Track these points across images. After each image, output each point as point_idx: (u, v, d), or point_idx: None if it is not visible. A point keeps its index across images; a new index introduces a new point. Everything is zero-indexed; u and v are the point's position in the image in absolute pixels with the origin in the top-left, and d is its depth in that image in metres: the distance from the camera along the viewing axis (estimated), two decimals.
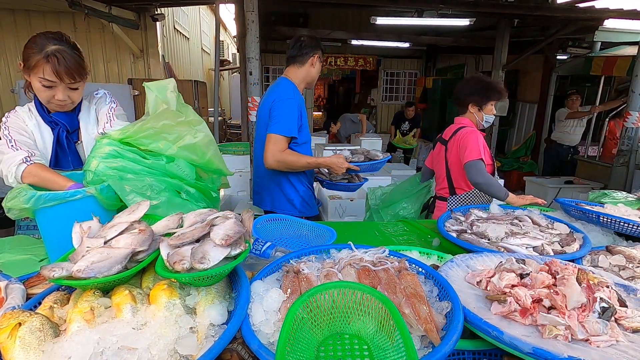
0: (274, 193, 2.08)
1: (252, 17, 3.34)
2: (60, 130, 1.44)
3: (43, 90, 1.33)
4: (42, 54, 1.27)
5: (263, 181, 2.12)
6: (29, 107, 1.45)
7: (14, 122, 1.41)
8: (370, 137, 5.28)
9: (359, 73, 10.74)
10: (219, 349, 0.66)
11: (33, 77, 1.31)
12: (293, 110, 1.91)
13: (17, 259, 1.29)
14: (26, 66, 1.31)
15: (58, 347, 0.66)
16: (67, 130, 1.47)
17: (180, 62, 7.62)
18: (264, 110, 2.01)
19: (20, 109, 1.45)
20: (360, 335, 0.75)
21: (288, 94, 1.95)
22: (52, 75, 1.29)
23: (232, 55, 12.19)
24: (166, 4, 5.67)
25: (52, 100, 1.37)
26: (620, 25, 5.65)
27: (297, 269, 0.93)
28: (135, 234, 0.91)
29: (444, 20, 5.36)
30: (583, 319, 0.76)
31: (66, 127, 1.46)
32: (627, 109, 4.27)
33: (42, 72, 1.28)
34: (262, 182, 2.13)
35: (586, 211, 1.43)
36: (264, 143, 1.92)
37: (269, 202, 2.11)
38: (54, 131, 1.45)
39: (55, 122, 1.45)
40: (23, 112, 1.44)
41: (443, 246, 1.49)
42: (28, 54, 1.29)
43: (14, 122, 1.41)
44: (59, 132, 1.44)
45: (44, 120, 1.45)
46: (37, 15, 5.45)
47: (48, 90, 1.34)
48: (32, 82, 1.34)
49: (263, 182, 2.13)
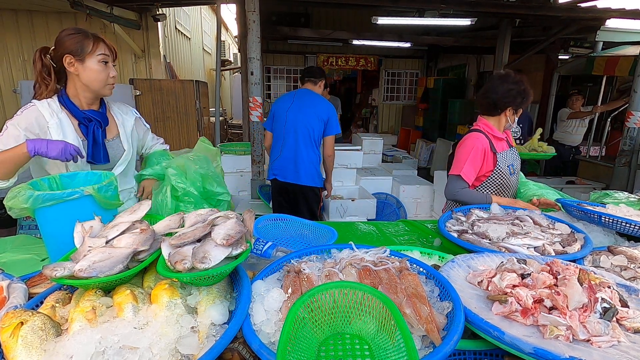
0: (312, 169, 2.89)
1: (253, 17, 3.34)
2: (95, 127, 1.47)
3: (102, 70, 1.41)
4: (91, 37, 1.38)
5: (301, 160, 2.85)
6: (48, 102, 1.41)
7: (25, 120, 1.37)
8: (371, 137, 5.28)
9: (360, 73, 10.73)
10: (220, 348, 0.66)
11: (90, 60, 1.38)
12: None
13: (19, 259, 1.30)
14: (79, 53, 1.37)
15: (60, 346, 0.66)
16: (101, 126, 1.50)
17: (181, 62, 7.63)
18: (310, 112, 2.80)
19: (40, 104, 1.40)
20: (361, 335, 0.75)
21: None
22: (106, 49, 1.42)
23: (233, 55, 12.20)
24: (167, 4, 5.68)
25: (108, 80, 1.45)
26: (622, 25, 5.64)
27: (298, 269, 0.93)
28: (136, 234, 0.91)
29: (445, 20, 5.35)
30: (584, 320, 0.75)
31: (100, 123, 1.50)
32: (629, 109, 4.26)
33: (101, 49, 1.39)
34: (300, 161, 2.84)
35: (588, 211, 1.43)
36: (305, 134, 2.80)
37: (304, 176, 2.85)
38: (89, 126, 1.46)
39: (88, 118, 1.47)
40: (43, 108, 1.40)
41: (444, 246, 1.49)
42: (76, 41, 1.36)
43: (24, 120, 1.37)
44: (94, 127, 1.47)
45: (75, 116, 1.44)
46: (39, 16, 5.46)
47: (105, 70, 1.42)
48: (87, 67, 1.39)
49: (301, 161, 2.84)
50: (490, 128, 1.93)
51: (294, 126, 2.80)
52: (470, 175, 1.87)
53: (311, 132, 2.78)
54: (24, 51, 5.57)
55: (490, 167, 1.89)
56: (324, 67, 8.92)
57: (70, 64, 1.37)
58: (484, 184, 1.93)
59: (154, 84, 4.77)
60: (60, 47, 1.37)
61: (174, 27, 7.07)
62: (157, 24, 5.64)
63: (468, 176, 1.86)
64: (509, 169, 1.90)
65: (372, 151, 5.04)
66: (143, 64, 5.82)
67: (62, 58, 1.37)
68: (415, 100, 9.54)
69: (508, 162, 1.91)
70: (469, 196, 1.85)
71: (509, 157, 1.94)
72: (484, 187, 1.94)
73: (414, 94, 9.73)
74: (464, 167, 1.87)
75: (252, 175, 3.76)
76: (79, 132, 1.47)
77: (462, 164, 1.87)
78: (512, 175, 1.92)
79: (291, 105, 2.84)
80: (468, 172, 1.86)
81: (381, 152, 5.18)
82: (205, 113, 5.40)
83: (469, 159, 1.86)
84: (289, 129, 2.82)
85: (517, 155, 2.00)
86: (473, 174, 1.88)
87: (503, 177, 1.89)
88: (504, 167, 1.88)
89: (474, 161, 1.86)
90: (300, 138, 2.79)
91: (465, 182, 1.87)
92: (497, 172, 1.88)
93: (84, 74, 1.39)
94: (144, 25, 5.62)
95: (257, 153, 3.64)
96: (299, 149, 2.79)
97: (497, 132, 1.93)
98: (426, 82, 8.99)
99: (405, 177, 4.67)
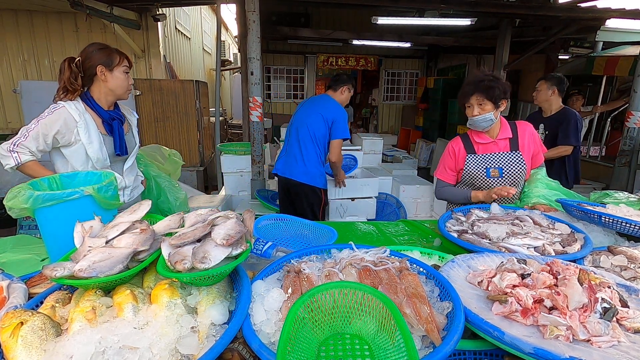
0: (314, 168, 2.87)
1: (253, 17, 3.34)
2: (119, 125, 1.72)
3: (125, 79, 1.69)
4: (116, 51, 1.67)
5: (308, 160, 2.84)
6: (74, 104, 1.60)
7: (56, 121, 1.54)
8: (371, 137, 5.27)
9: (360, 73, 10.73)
10: (220, 348, 0.66)
11: (117, 70, 1.65)
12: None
13: (19, 259, 1.30)
14: (109, 65, 1.63)
15: (60, 346, 0.66)
16: (122, 124, 1.75)
17: (181, 62, 7.63)
18: (315, 112, 2.82)
19: (68, 106, 1.58)
20: (361, 335, 0.75)
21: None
22: (128, 62, 1.70)
23: (233, 55, 12.19)
24: (167, 4, 5.67)
25: (128, 87, 1.73)
26: (622, 25, 5.64)
27: (298, 269, 0.93)
28: (136, 234, 0.91)
29: (445, 20, 5.35)
30: (584, 320, 0.75)
31: (121, 120, 1.75)
32: (629, 109, 4.26)
33: (125, 62, 1.68)
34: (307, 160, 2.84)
35: (588, 211, 1.43)
36: (305, 132, 2.82)
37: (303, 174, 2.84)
38: (113, 123, 1.69)
39: (112, 117, 1.70)
40: (72, 110, 1.58)
41: (444, 246, 1.49)
42: (107, 55, 1.63)
43: (55, 122, 1.53)
44: (118, 125, 1.71)
45: (101, 115, 1.66)
46: (39, 16, 5.47)
47: (127, 78, 1.71)
48: (114, 76, 1.65)
49: (308, 161, 2.84)
50: (475, 131, 1.95)
51: (297, 125, 2.87)
52: (444, 174, 2.04)
53: (312, 130, 2.79)
54: (24, 51, 5.57)
55: (461, 166, 1.98)
56: (324, 67, 8.93)
57: (102, 72, 1.63)
58: (460, 183, 2.04)
59: (154, 84, 4.77)
60: (93, 58, 1.61)
61: (174, 27, 7.07)
62: (157, 24, 5.64)
63: (442, 176, 2.05)
64: (487, 172, 1.89)
65: (372, 151, 5.03)
66: (143, 64, 5.82)
67: (95, 68, 1.61)
68: (415, 100, 9.53)
69: (488, 165, 1.89)
70: (448, 193, 2.04)
71: (491, 161, 1.90)
72: (461, 186, 2.04)
73: (414, 94, 9.72)
74: (438, 168, 2.07)
75: (252, 175, 3.75)
76: (102, 129, 1.68)
77: (439, 166, 2.08)
78: (493, 178, 1.89)
79: (302, 106, 2.96)
80: (441, 172, 2.05)
81: (381, 152, 5.17)
82: (205, 113, 5.40)
83: (442, 160, 2.05)
84: (293, 128, 2.92)
85: (516, 160, 1.90)
86: (448, 173, 2.03)
87: (474, 178, 1.92)
88: (473, 169, 1.91)
89: (446, 161, 2.02)
90: (301, 136, 2.82)
91: (442, 182, 2.05)
92: (467, 172, 1.94)
93: (111, 82, 1.65)
94: (144, 25, 5.62)
95: (257, 153, 3.64)
96: (298, 147, 2.84)
97: (482, 135, 1.93)
98: (426, 82, 8.98)
99: (405, 177, 4.67)
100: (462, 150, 1.96)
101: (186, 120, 4.96)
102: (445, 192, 2.04)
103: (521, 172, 1.89)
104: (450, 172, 2.03)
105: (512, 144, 1.93)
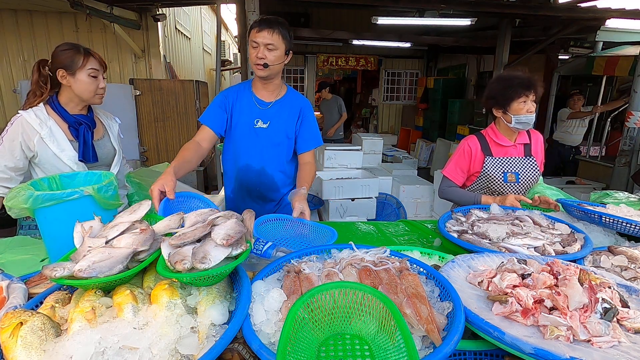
0: None
1: (253, 17, 3.34)
2: (85, 130, 1.59)
3: (91, 82, 1.54)
4: (82, 52, 1.51)
5: None
6: (35, 113, 1.50)
7: (15, 135, 1.46)
8: (371, 137, 5.27)
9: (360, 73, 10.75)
10: (220, 348, 0.66)
11: (80, 73, 1.51)
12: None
13: (18, 259, 1.30)
14: (71, 68, 1.49)
15: (59, 347, 0.66)
16: (89, 129, 1.62)
17: (181, 62, 7.62)
18: None
19: (27, 115, 1.48)
20: (361, 336, 0.75)
21: None
22: (97, 64, 1.55)
23: (233, 55, 12.19)
24: (167, 4, 5.67)
25: (97, 91, 1.58)
26: (622, 25, 5.64)
27: (298, 269, 0.93)
28: (136, 234, 0.91)
29: (445, 20, 5.35)
30: (585, 320, 0.75)
31: (89, 126, 1.62)
32: (629, 109, 4.26)
33: (91, 64, 1.53)
34: None
35: (588, 211, 1.43)
36: None
37: None
38: (79, 129, 1.57)
39: (79, 122, 1.59)
40: (31, 119, 1.48)
41: (444, 246, 1.49)
42: (68, 57, 1.49)
43: (16, 135, 1.46)
44: (84, 130, 1.59)
45: (66, 120, 1.56)
46: (39, 16, 5.46)
47: (94, 82, 1.55)
48: (77, 80, 1.51)
49: None
50: (494, 132, 1.90)
51: None
52: (455, 174, 1.94)
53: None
54: (24, 51, 5.57)
55: (477, 168, 1.90)
56: (324, 67, 8.93)
57: (63, 77, 1.51)
58: (474, 185, 1.95)
59: (153, 84, 4.77)
60: (55, 60, 1.50)
61: (174, 27, 7.06)
62: (157, 24, 5.63)
63: (452, 175, 1.95)
64: (505, 176, 1.84)
65: (372, 151, 5.03)
66: (143, 64, 5.81)
67: (56, 71, 1.50)
68: (415, 100, 9.54)
69: (505, 169, 1.85)
70: (456, 194, 1.93)
71: (509, 165, 1.86)
72: (474, 188, 1.96)
73: (414, 94, 9.73)
74: (448, 166, 1.96)
75: None
76: (69, 134, 1.57)
77: (449, 164, 1.97)
78: (509, 183, 1.85)
79: None
80: (451, 171, 1.95)
81: (381, 152, 5.17)
82: None
83: (454, 159, 1.95)
84: None
85: (531, 166, 1.88)
86: (458, 173, 1.94)
87: (491, 181, 1.86)
88: (492, 172, 1.84)
89: (459, 161, 1.93)
90: None
91: (450, 181, 1.95)
92: (484, 175, 1.86)
93: (75, 86, 1.52)
94: (144, 25, 5.62)
95: None
96: None
97: (502, 137, 1.88)
98: (426, 82, 8.99)
99: (405, 177, 4.67)
100: (479, 151, 1.88)
101: (186, 120, 4.96)
102: (451, 193, 1.93)
103: (535, 179, 1.87)
104: (461, 173, 1.93)
105: (527, 149, 1.91)
